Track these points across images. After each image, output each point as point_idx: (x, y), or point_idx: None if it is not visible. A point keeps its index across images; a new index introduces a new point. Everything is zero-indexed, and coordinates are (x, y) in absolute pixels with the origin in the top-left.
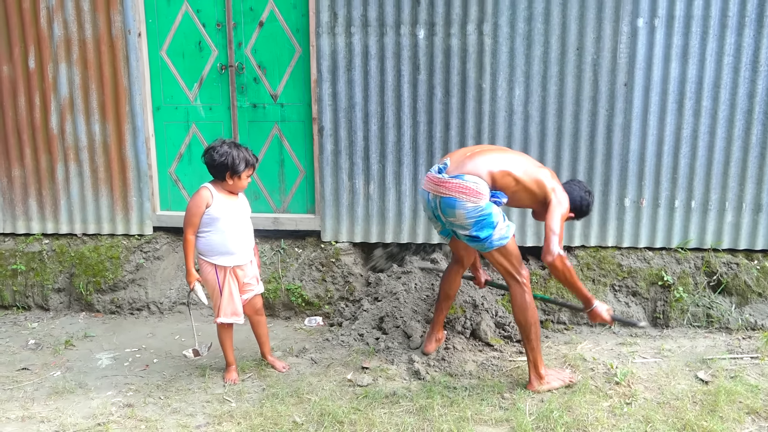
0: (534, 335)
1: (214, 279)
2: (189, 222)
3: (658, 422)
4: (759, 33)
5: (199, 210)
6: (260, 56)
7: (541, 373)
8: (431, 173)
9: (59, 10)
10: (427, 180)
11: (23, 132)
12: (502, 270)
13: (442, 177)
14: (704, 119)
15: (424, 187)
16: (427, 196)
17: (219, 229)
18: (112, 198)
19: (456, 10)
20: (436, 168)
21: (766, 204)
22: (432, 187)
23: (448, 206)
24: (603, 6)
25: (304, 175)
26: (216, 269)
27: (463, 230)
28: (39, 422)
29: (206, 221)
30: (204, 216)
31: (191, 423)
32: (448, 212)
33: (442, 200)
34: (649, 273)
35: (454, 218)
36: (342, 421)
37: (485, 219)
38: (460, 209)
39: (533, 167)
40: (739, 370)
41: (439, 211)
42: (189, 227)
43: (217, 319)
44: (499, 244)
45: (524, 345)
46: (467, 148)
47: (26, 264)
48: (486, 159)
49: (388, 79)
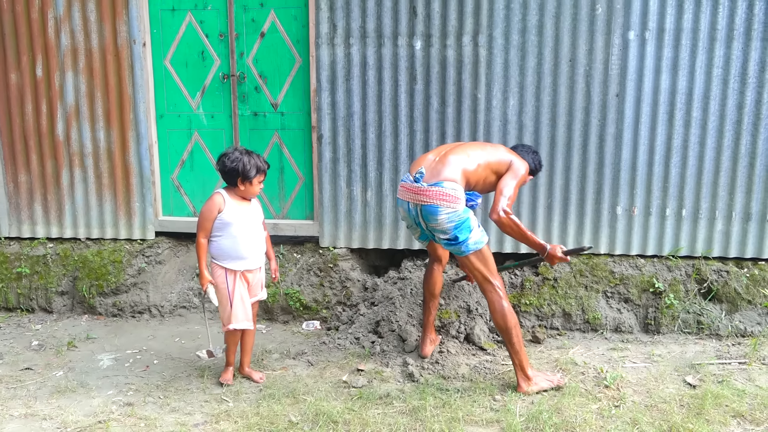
0: (516, 338)
1: (224, 282)
2: (201, 226)
3: (645, 424)
4: (747, 46)
5: (211, 215)
6: (261, 66)
7: (528, 374)
8: (407, 183)
9: (67, 21)
10: (405, 190)
11: (30, 138)
12: (479, 276)
13: (421, 186)
14: (694, 129)
15: (403, 198)
16: (407, 205)
17: (230, 233)
18: (115, 203)
19: (452, 22)
20: (412, 177)
21: (756, 213)
22: (412, 197)
23: (430, 213)
24: (595, 19)
25: (303, 182)
26: (226, 273)
27: (443, 234)
28: (41, 419)
29: (218, 226)
30: (216, 221)
31: (189, 421)
32: (430, 219)
33: (424, 208)
34: (641, 280)
35: (436, 224)
36: (336, 421)
37: (463, 223)
38: (441, 215)
39: (492, 150)
40: (726, 375)
41: (420, 218)
42: (201, 231)
43: (230, 325)
44: (475, 248)
45: (508, 349)
46: (433, 152)
47: (31, 267)
48: (455, 160)
49: (385, 89)
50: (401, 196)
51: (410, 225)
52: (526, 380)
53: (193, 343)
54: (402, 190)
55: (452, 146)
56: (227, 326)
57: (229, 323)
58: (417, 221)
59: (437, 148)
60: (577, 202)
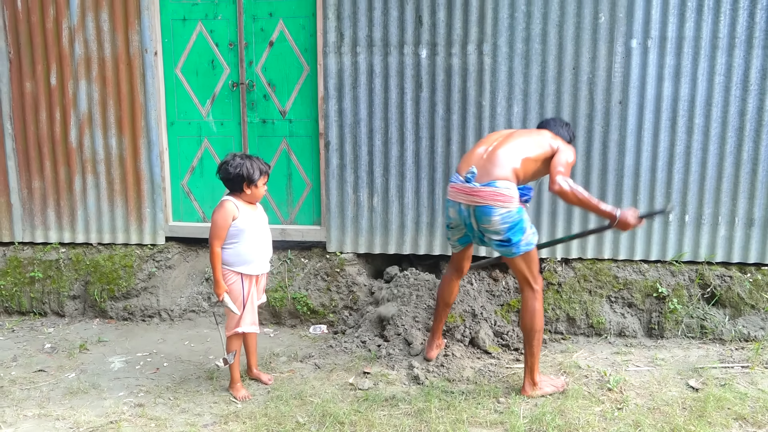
0: (537, 342)
1: (240, 288)
2: (216, 235)
3: (647, 426)
4: (749, 54)
5: (226, 223)
6: (270, 74)
7: (535, 379)
8: (458, 184)
9: (80, 30)
10: (456, 191)
11: (44, 145)
12: (521, 276)
13: (474, 186)
14: (697, 136)
15: (455, 199)
16: (459, 206)
17: (245, 239)
18: (126, 209)
19: (457, 31)
20: (462, 177)
21: (758, 218)
22: (465, 198)
23: (484, 214)
24: (598, 28)
25: (310, 188)
26: (242, 278)
27: (496, 235)
28: (54, 420)
29: (233, 233)
30: (230, 228)
31: (199, 422)
32: (483, 219)
33: (478, 209)
34: (645, 285)
35: (489, 224)
36: (343, 422)
37: (518, 224)
38: (495, 216)
39: (538, 138)
40: (729, 378)
41: (473, 219)
42: (216, 240)
43: (238, 329)
44: (525, 249)
45: (525, 350)
46: (479, 147)
47: (43, 272)
48: (505, 156)
49: (391, 97)
50: (452, 197)
51: (457, 226)
52: (531, 385)
53: (202, 346)
54: (453, 191)
55: (498, 139)
56: (235, 329)
57: (237, 327)
58: (468, 222)
59: (482, 143)
60: (580, 209)
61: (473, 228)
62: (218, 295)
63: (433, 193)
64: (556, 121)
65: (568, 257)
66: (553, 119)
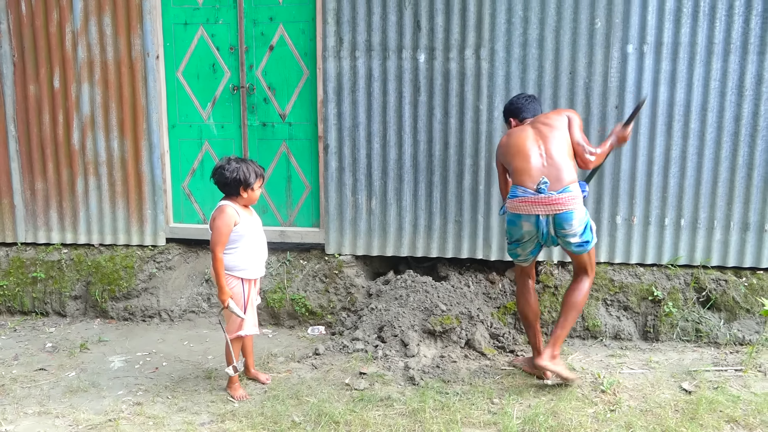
0: (574, 320)
1: (241, 292)
2: (219, 241)
3: (638, 428)
4: (744, 59)
5: (228, 229)
6: (270, 78)
7: (557, 352)
8: (531, 196)
9: (83, 34)
10: (530, 204)
11: (47, 147)
12: (583, 266)
13: (551, 195)
14: (692, 141)
15: (531, 212)
16: (536, 218)
17: (245, 243)
18: (128, 210)
19: (455, 36)
20: (533, 189)
21: (754, 223)
22: (545, 209)
23: (564, 220)
24: (594, 33)
25: (309, 190)
26: (243, 282)
27: (573, 238)
28: (54, 417)
29: (234, 238)
30: (231, 234)
31: (196, 420)
32: (564, 225)
33: (558, 216)
34: (640, 288)
35: (570, 229)
36: (338, 421)
37: (588, 223)
38: (575, 219)
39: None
40: (722, 381)
41: (551, 227)
42: (219, 246)
43: (240, 332)
44: (593, 243)
45: (561, 323)
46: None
47: (46, 272)
48: (562, 158)
49: (390, 101)
50: (527, 210)
51: (530, 239)
52: (551, 356)
53: (200, 347)
54: (527, 205)
55: (538, 142)
56: (237, 332)
57: (239, 330)
58: (545, 231)
59: (527, 151)
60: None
61: (547, 235)
62: (222, 302)
63: (431, 196)
64: (532, 101)
65: (564, 260)
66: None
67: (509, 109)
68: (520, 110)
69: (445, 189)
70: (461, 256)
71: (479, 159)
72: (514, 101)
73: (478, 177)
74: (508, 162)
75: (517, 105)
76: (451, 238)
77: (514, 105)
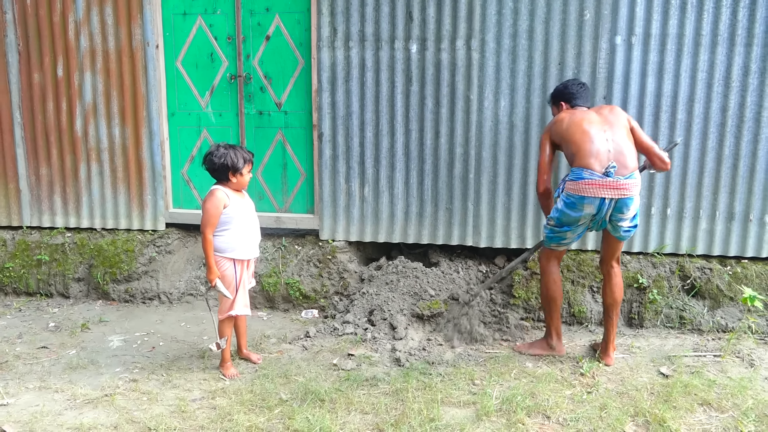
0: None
1: (232, 273)
2: (208, 222)
3: (613, 408)
4: (731, 51)
5: (218, 211)
6: (266, 67)
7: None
8: (598, 179)
9: (86, 24)
10: (598, 186)
11: (51, 134)
12: (619, 252)
13: (619, 180)
14: (679, 131)
15: (598, 195)
16: (600, 201)
17: (235, 226)
18: (129, 196)
19: (446, 27)
20: (602, 172)
21: (739, 213)
22: (613, 192)
23: (625, 205)
24: (583, 24)
25: (304, 177)
26: (234, 263)
27: (626, 222)
28: (54, 392)
29: (224, 220)
30: (222, 216)
31: (188, 396)
32: (623, 209)
33: (621, 201)
34: (626, 276)
35: (627, 213)
36: (323, 399)
37: (637, 209)
38: (634, 204)
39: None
40: (700, 366)
41: (609, 212)
42: (208, 227)
43: (230, 311)
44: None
45: (612, 321)
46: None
47: (50, 255)
48: (626, 146)
49: (382, 90)
50: (594, 193)
51: (585, 222)
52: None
53: (197, 328)
54: (595, 188)
55: (604, 127)
56: (228, 312)
57: (230, 310)
58: (603, 215)
59: (594, 132)
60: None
61: (601, 219)
62: (210, 281)
63: (422, 183)
64: (585, 89)
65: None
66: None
67: (562, 92)
68: (574, 96)
69: (436, 177)
70: (451, 243)
71: (469, 148)
72: (568, 85)
73: (469, 165)
74: (568, 141)
75: (572, 90)
76: (442, 226)
77: (568, 89)
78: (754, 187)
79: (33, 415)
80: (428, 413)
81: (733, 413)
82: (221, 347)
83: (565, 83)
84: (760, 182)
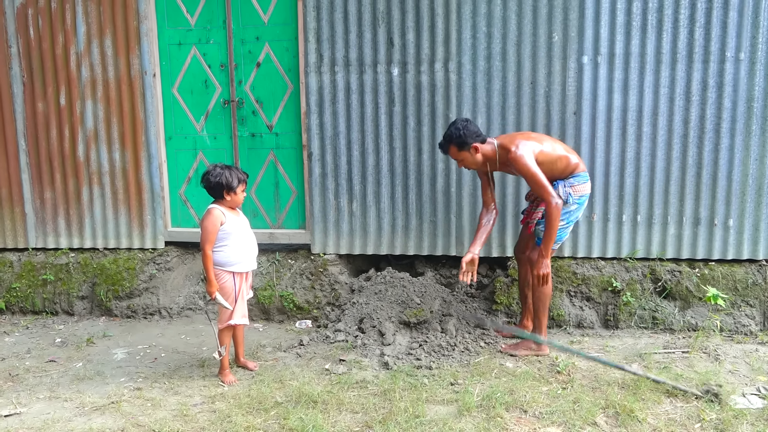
0: None
1: (231, 285)
2: (207, 239)
3: (586, 402)
4: (690, 67)
5: (215, 228)
6: (258, 92)
7: None
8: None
9: (87, 55)
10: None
11: (54, 159)
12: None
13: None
14: (645, 143)
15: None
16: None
17: (233, 241)
18: (129, 216)
19: (425, 51)
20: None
21: (704, 218)
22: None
23: None
24: (552, 46)
25: (296, 195)
26: (234, 276)
27: None
28: (63, 401)
29: (221, 236)
30: (219, 232)
31: (189, 401)
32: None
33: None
34: (601, 280)
35: None
36: (316, 401)
37: None
38: None
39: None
40: (669, 362)
41: None
42: (207, 243)
43: (230, 321)
44: None
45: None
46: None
47: (55, 275)
48: None
49: (367, 111)
50: (589, 189)
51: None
52: None
53: (196, 340)
54: (589, 185)
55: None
56: (227, 322)
57: (230, 320)
58: None
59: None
60: None
61: None
62: (210, 294)
63: (407, 198)
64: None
65: None
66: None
67: (471, 135)
68: (479, 133)
69: (420, 191)
70: (436, 254)
71: (450, 163)
72: (470, 127)
73: (450, 179)
74: (555, 159)
75: (475, 129)
76: (427, 237)
77: (471, 131)
78: (717, 193)
79: (45, 422)
80: (414, 411)
81: (697, 403)
82: (222, 355)
83: (464, 125)
84: (722, 189)
